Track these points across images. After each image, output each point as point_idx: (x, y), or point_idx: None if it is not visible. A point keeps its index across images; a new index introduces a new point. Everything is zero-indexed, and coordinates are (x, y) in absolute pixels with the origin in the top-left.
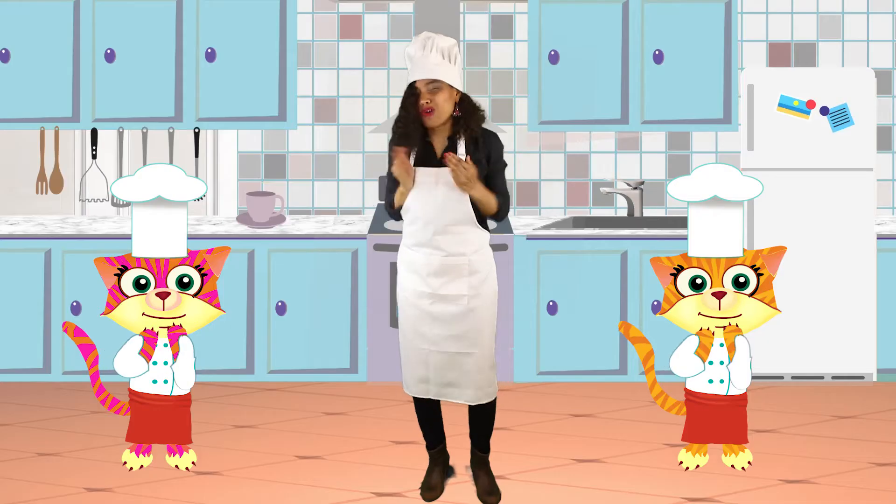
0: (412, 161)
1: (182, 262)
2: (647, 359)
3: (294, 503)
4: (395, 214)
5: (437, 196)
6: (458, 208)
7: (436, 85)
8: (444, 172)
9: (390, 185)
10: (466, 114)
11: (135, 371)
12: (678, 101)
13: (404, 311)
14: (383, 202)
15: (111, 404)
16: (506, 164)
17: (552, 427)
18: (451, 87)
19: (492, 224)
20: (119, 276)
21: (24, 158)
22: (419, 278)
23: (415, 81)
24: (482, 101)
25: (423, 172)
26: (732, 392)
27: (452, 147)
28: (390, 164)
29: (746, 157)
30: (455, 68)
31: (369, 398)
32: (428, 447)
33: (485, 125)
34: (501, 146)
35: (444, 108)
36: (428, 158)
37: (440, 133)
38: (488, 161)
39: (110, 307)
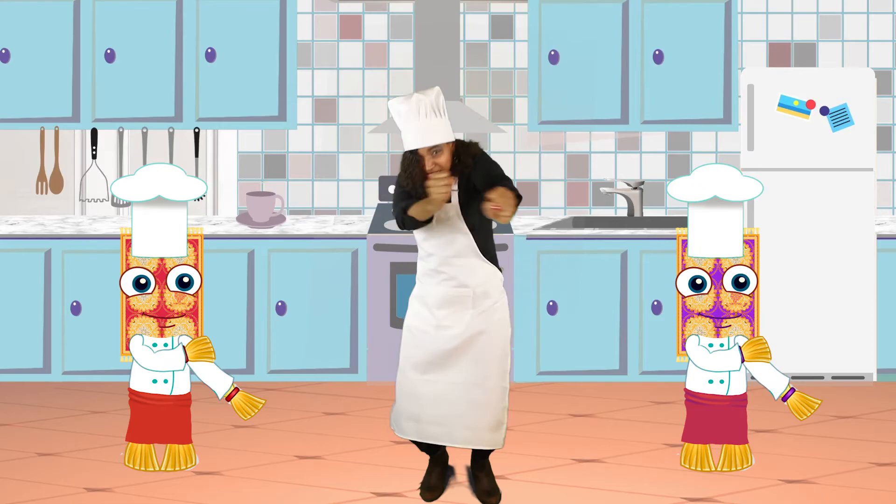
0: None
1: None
2: None
3: (294, 503)
4: (412, 224)
5: (439, 231)
6: (460, 240)
7: (437, 148)
8: (445, 208)
9: (404, 195)
10: (459, 156)
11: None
12: (678, 101)
13: (405, 340)
14: (395, 212)
15: None
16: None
17: (552, 427)
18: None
19: (501, 262)
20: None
21: (24, 158)
22: (426, 309)
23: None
24: (482, 102)
25: None
26: (733, 391)
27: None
28: (404, 175)
29: (746, 157)
30: (445, 119)
31: (369, 398)
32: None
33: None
34: (486, 159)
35: (447, 165)
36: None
37: None
38: (482, 179)
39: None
